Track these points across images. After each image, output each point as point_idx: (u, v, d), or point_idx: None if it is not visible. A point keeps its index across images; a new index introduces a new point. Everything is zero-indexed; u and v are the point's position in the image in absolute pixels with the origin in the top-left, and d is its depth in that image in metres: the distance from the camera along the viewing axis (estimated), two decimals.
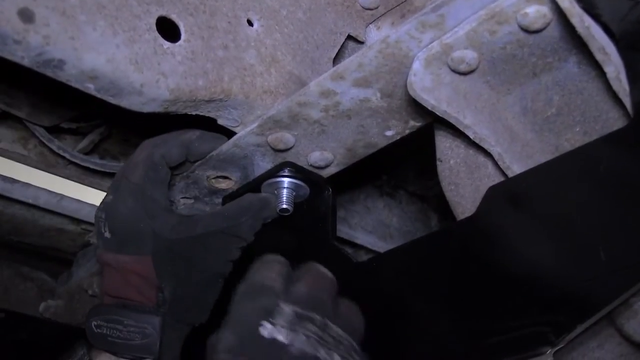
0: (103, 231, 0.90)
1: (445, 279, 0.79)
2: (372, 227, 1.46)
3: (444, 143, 0.86)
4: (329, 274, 0.82)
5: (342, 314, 0.77)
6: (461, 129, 0.76)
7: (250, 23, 0.91)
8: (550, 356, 0.69)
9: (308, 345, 0.68)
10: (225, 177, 0.98)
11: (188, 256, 0.88)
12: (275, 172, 0.92)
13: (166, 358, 0.89)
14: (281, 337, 0.69)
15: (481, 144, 0.77)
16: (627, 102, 0.66)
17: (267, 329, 0.69)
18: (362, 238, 1.42)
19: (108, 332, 0.87)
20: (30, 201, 1.26)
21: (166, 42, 0.81)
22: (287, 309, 0.71)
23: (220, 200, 1.02)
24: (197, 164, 0.95)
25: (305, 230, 0.96)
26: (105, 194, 0.94)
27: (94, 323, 0.89)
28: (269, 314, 0.71)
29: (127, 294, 0.89)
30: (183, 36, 0.82)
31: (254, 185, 0.95)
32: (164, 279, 0.88)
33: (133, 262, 0.87)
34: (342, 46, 1.03)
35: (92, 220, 1.29)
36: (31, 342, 1.62)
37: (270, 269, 0.78)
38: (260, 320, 0.70)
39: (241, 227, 0.89)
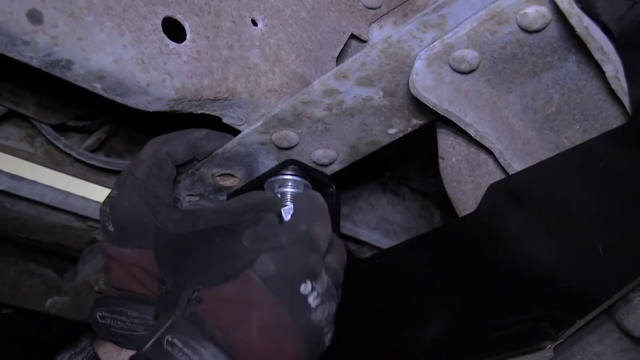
0: (107, 225, 0.91)
1: (447, 275, 0.80)
2: (376, 224, 1.47)
3: (445, 141, 0.87)
4: (346, 251, 0.85)
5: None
6: (462, 127, 0.77)
7: (254, 23, 0.92)
8: (550, 351, 0.70)
9: (325, 320, 0.74)
10: (230, 175, 0.99)
11: (190, 250, 0.89)
12: (279, 169, 0.93)
13: None
14: (312, 302, 0.73)
15: (482, 142, 0.78)
16: (625, 100, 0.67)
17: (307, 289, 0.73)
18: (365, 234, 1.43)
19: (112, 323, 0.89)
20: (37, 198, 1.26)
21: (172, 42, 0.82)
22: (325, 278, 0.75)
23: (225, 197, 1.04)
24: (202, 161, 0.96)
25: None
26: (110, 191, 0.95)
27: (98, 314, 0.90)
28: (313, 276, 0.74)
29: (131, 287, 0.90)
30: (188, 36, 0.84)
31: (258, 183, 0.96)
32: (166, 272, 0.89)
33: (136, 256, 0.89)
34: (345, 45, 1.04)
35: (98, 217, 1.31)
36: (38, 338, 1.64)
37: (326, 225, 0.80)
38: (305, 278, 0.73)
39: (243, 225, 0.90)
